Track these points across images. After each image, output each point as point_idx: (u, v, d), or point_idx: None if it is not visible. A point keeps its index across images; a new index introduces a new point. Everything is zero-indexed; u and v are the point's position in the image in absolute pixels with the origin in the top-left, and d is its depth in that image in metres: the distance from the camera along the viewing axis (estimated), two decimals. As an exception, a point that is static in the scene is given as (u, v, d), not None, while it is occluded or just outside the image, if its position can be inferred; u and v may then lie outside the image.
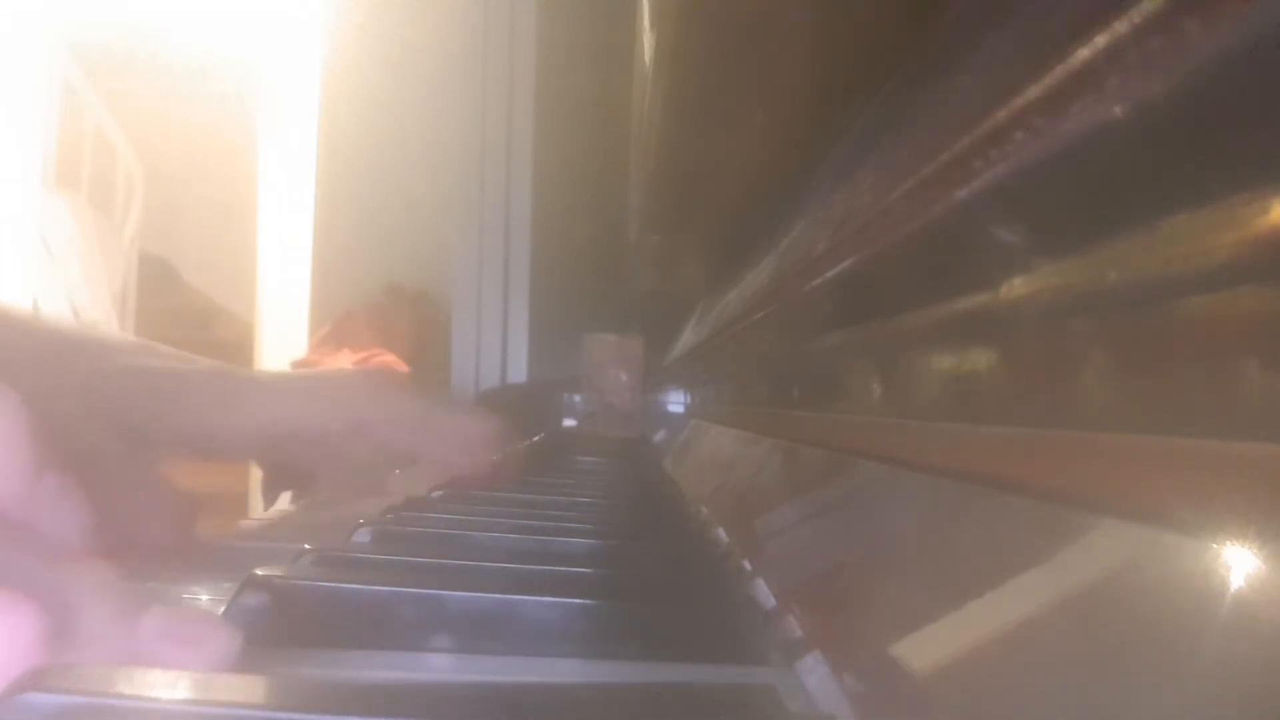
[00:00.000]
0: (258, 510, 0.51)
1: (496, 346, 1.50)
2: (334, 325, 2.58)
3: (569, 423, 1.31)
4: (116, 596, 0.21)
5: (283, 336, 2.73)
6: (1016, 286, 0.22)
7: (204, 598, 0.31)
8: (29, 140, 2.31)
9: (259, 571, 0.27)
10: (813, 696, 0.22)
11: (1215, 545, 0.13)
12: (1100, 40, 0.15)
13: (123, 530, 0.35)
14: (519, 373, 1.49)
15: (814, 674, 0.23)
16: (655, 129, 0.51)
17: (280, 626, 0.26)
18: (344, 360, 2.37)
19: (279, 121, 2.83)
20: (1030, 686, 0.16)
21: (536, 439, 1.03)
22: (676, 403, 1.20)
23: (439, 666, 0.24)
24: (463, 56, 1.53)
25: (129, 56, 2.88)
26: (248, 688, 0.19)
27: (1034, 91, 0.17)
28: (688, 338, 0.95)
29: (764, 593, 0.31)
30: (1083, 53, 0.15)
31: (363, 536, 0.37)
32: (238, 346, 2.91)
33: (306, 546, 0.32)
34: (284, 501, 0.55)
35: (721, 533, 0.43)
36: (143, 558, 0.36)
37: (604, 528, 0.44)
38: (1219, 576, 0.13)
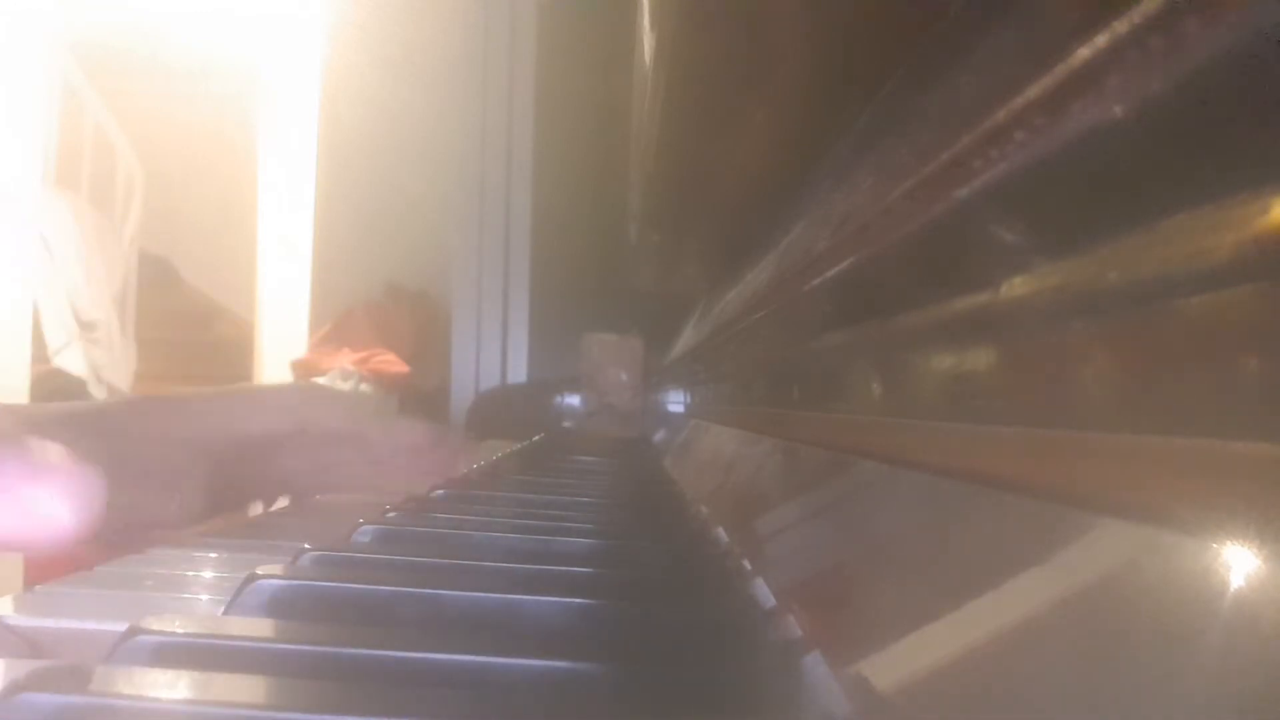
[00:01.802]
0: (256, 510, 0.52)
1: (496, 346, 1.50)
2: (334, 325, 2.58)
3: (569, 423, 1.31)
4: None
5: (283, 336, 2.73)
6: (1016, 286, 0.22)
7: (204, 598, 0.31)
8: (29, 140, 2.31)
9: (259, 570, 0.27)
10: (813, 696, 0.22)
11: (1215, 545, 0.13)
12: (1100, 40, 0.15)
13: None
14: (519, 373, 1.49)
15: (814, 674, 0.23)
16: (655, 129, 0.51)
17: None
18: (344, 360, 2.37)
19: (279, 121, 2.83)
20: (1030, 686, 0.16)
21: (536, 439, 1.03)
22: (676, 402, 1.20)
23: (439, 666, 0.24)
24: (463, 56, 1.53)
25: (129, 56, 2.88)
26: (248, 688, 0.19)
27: (1034, 91, 0.17)
28: (688, 337, 0.95)
29: (764, 592, 0.31)
30: (1083, 53, 0.15)
31: (363, 536, 0.37)
32: (238, 346, 2.91)
33: (306, 546, 0.32)
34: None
35: (721, 532, 0.43)
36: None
37: (604, 527, 0.44)
38: (1219, 576, 0.13)
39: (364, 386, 2.33)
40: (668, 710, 0.21)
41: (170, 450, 0.44)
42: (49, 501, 0.26)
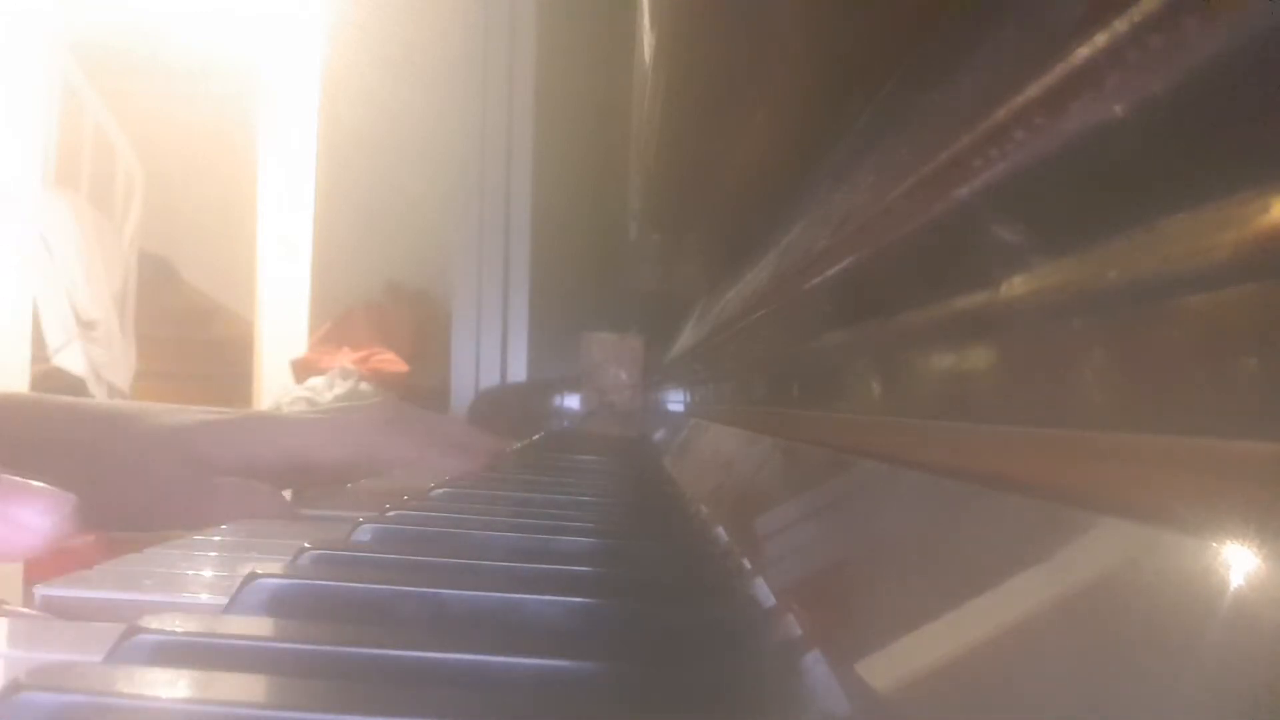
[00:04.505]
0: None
1: (496, 346, 1.50)
2: (334, 324, 2.58)
3: (569, 422, 1.31)
4: None
5: (283, 335, 2.73)
6: (1016, 286, 0.22)
7: (204, 597, 0.31)
8: (29, 140, 2.31)
9: (258, 570, 0.27)
10: (813, 696, 0.22)
11: (1215, 545, 0.13)
12: (1100, 40, 0.15)
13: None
14: (519, 372, 1.49)
15: (814, 673, 0.23)
16: (655, 129, 0.51)
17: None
18: (344, 359, 2.37)
19: (279, 121, 2.83)
20: (1030, 685, 0.16)
21: (536, 438, 1.03)
22: (676, 401, 1.20)
23: (439, 666, 0.24)
24: (463, 56, 1.53)
25: (129, 56, 2.88)
26: (248, 687, 0.19)
27: (1034, 91, 0.17)
28: (687, 336, 0.95)
29: (764, 591, 0.31)
30: (1083, 52, 0.15)
31: (363, 535, 0.37)
32: (237, 345, 2.91)
33: (306, 545, 0.32)
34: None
35: (721, 531, 0.43)
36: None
37: (604, 526, 0.44)
38: (1219, 576, 0.13)
39: (363, 385, 2.34)
40: (668, 710, 0.21)
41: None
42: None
